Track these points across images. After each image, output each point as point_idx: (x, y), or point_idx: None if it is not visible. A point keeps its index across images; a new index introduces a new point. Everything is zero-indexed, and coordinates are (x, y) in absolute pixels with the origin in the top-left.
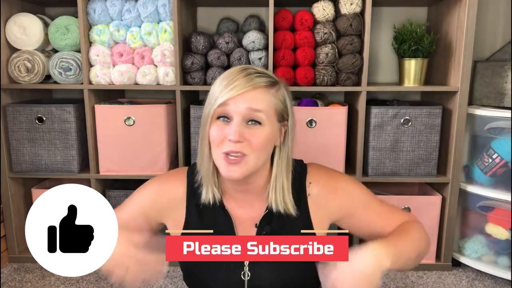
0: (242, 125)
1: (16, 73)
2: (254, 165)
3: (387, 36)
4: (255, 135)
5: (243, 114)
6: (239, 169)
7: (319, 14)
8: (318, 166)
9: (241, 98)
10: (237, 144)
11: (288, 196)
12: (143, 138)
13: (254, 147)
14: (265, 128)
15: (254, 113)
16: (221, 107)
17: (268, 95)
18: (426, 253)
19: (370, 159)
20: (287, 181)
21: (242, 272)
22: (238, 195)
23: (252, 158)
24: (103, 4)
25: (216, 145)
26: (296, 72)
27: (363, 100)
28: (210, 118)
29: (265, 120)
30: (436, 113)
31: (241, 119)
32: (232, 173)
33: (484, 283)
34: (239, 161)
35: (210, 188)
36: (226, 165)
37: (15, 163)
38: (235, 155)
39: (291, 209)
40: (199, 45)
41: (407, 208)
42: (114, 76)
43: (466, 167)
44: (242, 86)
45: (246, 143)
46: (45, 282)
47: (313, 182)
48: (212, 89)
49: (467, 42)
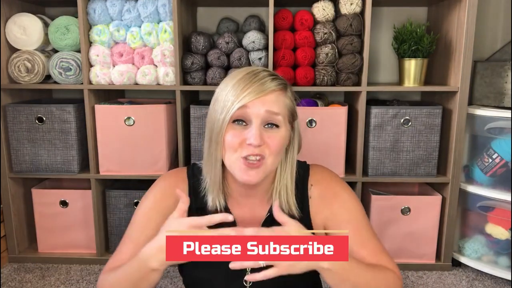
0: (261, 129)
1: (16, 73)
2: (270, 168)
3: (387, 36)
4: (273, 138)
5: (262, 118)
6: (257, 173)
7: (319, 14)
8: (321, 169)
9: (259, 101)
10: (256, 148)
11: (292, 198)
12: (143, 138)
13: (272, 150)
14: (281, 130)
15: (273, 116)
16: (239, 111)
17: (282, 97)
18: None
19: (370, 159)
20: (291, 183)
21: (244, 276)
22: (242, 199)
23: (270, 161)
24: (103, 4)
25: (233, 150)
26: (296, 72)
27: (363, 100)
28: (226, 123)
29: (282, 122)
30: (436, 113)
31: (260, 123)
32: (250, 177)
33: (484, 283)
34: (259, 164)
35: (216, 195)
36: (245, 169)
37: (15, 163)
38: (255, 158)
39: (294, 210)
40: (199, 45)
41: (406, 208)
42: (114, 76)
43: (466, 167)
44: (261, 89)
45: (265, 146)
46: (45, 282)
47: (314, 185)
48: (223, 94)
49: (467, 42)
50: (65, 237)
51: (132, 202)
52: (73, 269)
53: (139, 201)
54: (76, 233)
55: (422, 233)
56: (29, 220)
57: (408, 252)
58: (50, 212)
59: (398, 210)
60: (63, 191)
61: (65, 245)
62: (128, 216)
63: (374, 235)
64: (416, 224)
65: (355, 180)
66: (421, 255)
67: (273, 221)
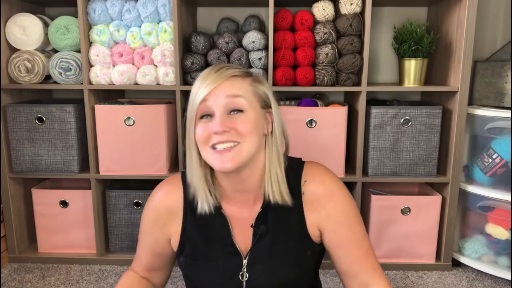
0: (224, 116)
1: (16, 73)
2: (247, 152)
3: (387, 36)
4: (240, 121)
5: (223, 105)
6: (232, 158)
7: (319, 14)
8: (316, 165)
9: (218, 90)
10: (223, 135)
11: (283, 186)
12: (143, 138)
13: (242, 133)
14: (248, 113)
15: (234, 100)
16: (201, 105)
17: (244, 83)
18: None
19: (370, 159)
20: (280, 171)
21: (240, 273)
22: (236, 195)
23: (245, 145)
24: (103, 4)
25: (203, 143)
26: (296, 72)
27: (363, 100)
28: (193, 120)
29: (247, 105)
30: (436, 113)
31: (223, 111)
32: (225, 163)
33: (484, 283)
34: (229, 149)
35: (205, 197)
36: (218, 157)
37: (15, 163)
38: (224, 145)
39: (286, 198)
40: (199, 45)
41: (406, 208)
42: (114, 76)
43: (466, 167)
44: (217, 79)
45: (233, 131)
46: (45, 282)
47: (308, 181)
48: (190, 94)
49: (467, 42)
50: (65, 237)
51: (132, 202)
52: (73, 269)
53: (139, 201)
54: (76, 233)
55: (422, 233)
56: (29, 220)
57: (408, 252)
58: (50, 212)
59: (398, 210)
60: (63, 191)
61: (65, 245)
62: (128, 215)
63: (366, 235)
64: (416, 224)
65: (355, 180)
66: (421, 255)
67: (266, 217)
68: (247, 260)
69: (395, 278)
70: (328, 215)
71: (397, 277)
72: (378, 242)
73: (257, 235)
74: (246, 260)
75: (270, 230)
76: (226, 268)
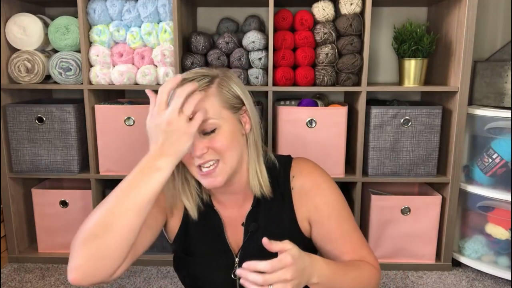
0: (199, 139)
1: (16, 73)
2: (230, 165)
3: (387, 36)
4: (216, 140)
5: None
6: (218, 175)
7: (319, 14)
8: (304, 160)
9: None
10: (204, 155)
11: (262, 177)
12: (142, 138)
13: (220, 150)
14: (221, 129)
15: (204, 125)
16: None
17: (208, 98)
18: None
19: (370, 159)
20: (258, 163)
21: (232, 271)
22: (226, 196)
23: (226, 160)
24: (103, 4)
25: (189, 164)
26: (296, 72)
27: (363, 100)
28: None
29: (218, 123)
30: (436, 113)
31: (196, 134)
32: (213, 182)
33: (484, 283)
34: (213, 170)
35: (190, 206)
36: (205, 177)
37: (15, 163)
38: (208, 165)
39: (265, 189)
40: (199, 45)
41: (406, 208)
42: (114, 76)
43: (466, 167)
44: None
45: (211, 151)
46: (45, 282)
47: (296, 176)
48: None
49: (467, 42)
50: (65, 237)
51: None
52: None
53: None
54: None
55: (422, 233)
56: (29, 220)
57: (408, 252)
58: (50, 212)
59: (398, 210)
60: (63, 191)
61: (65, 245)
62: None
63: (356, 227)
64: (416, 224)
65: (355, 180)
66: (421, 255)
67: (257, 215)
68: (239, 257)
69: (395, 278)
70: (316, 208)
71: (397, 277)
72: (378, 242)
73: (248, 233)
74: (237, 258)
75: (261, 228)
76: (218, 266)
